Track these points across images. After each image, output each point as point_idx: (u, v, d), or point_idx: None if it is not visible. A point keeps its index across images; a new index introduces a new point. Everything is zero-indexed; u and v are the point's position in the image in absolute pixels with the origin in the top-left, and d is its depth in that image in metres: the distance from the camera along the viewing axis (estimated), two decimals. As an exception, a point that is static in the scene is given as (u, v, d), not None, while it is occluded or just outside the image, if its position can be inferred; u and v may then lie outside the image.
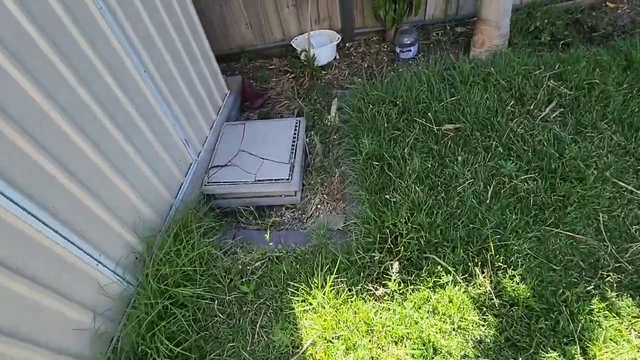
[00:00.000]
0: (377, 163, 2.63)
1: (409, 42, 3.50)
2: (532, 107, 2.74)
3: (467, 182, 2.40)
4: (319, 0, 3.74)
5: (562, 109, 2.71)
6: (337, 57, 3.94)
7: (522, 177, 2.36)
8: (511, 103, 2.81)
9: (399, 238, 2.19)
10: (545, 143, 2.50)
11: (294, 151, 2.89)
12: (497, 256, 2.01)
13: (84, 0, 1.87)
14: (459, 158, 2.57)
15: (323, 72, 3.82)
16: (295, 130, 3.05)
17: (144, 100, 2.31)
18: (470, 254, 2.07)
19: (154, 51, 2.42)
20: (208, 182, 2.79)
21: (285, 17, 3.88)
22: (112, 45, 2.05)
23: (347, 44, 4.05)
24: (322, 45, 3.85)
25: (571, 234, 2.08)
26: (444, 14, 3.87)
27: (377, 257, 2.10)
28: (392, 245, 2.18)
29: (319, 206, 2.77)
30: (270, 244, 2.41)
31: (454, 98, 2.92)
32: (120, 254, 2.07)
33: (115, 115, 2.05)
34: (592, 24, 3.52)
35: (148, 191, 2.30)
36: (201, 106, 3.00)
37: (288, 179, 2.70)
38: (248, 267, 2.33)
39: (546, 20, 3.46)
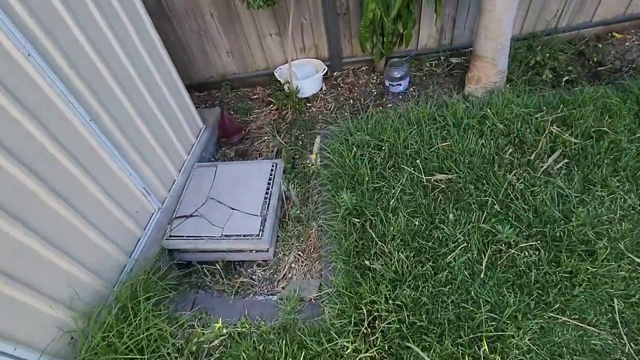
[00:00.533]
0: (357, 220, 2.28)
1: (398, 75, 3.16)
2: (533, 157, 2.39)
3: (458, 248, 2.05)
4: (303, 28, 3.43)
5: (566, 160, 2.35)
6: (324, 87, 3.61)
7: (522, 245, 2.00)
8: (509, 151, 2.46)
9: (377, 320, 1.84)
10: (548, 202, 2.15)
11: (267, 200, 2.55)
12: (493, 354, 1.65)
13: None
14: (450, 216, 2.22)
15: (308, 104, 3.49)
16: (271, 174, 2.71)
17: (87, 152, 1.97)
18: (461, 347, 1.70)
19: (104, 92, 2.08)
20: (170, 236, 2.44)
21: (268, 46, 3.56)
22: (35, 84, 1.69)
23: (335, 73, 3.73)
24: (307, 75, 3.52)
25: (581, 324, 1.72)
26: (437, 44, 3.54)
27: (350, 348, 1.74)
28: (368, 330, 1.82)
29: (292, 265, 2.41)
30: (231, 319, 2.05)
31: (445, 143, 2.57)
32: (49, 338, 1.72)
33: (44, 175, 1.70)
34: (597, 58, 3.18)
35: (93, 259, 1.96)
36: (169, 148, 2.67)
37: (258, 236, 2.35)
38: (204, 346, 1.97)
39: (547, 54, 3.12)
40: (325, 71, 3.48)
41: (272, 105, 3.58)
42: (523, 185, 2.27)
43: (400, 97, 3.26)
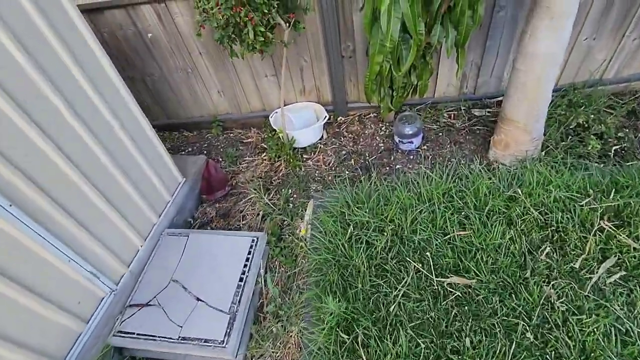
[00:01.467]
0: (346, 336, 1.75)
1: (410, 132, 2.63)
2: (578, 264, 1.82)
3: (476, 400, 1.49)
4: (303, 70, 2.94)
5: (624, 272, 1.77)
6: (324, 136, 3.10)
7: (566, 407, 1.43)
8: (546, 251, 1.89)
9: None
10: (602, 340, 1.57)
11: (241, 289, 2.05)
12: None
13: None
14: (467, 342, 1.66)
15: (305, 156, 2.98)
16: (250, 253, 2.21)
17: (6, 243, 1.51)
18: None
19: (32, 159, 1.62)
20: (118, 332, 1.96)
21: (264, 87, 3.09)
22: None
23: (339, 118, 3.22)
24: (307, 121, 3.03)
25: None
26: (458, 92, 3.00)
27: None
28: None
29: (264, 381, 1.90)
30: None
31: (464, 232, 2.02)
32: None
33: None
34: (654, 121, 2.57)
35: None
36: (132, 215, 2.20)
37: (222, 343, 1.85)
38: None
39: (592, 116, 2.53)
40: (326, 119, 2.97)
41: (264, 154, 3.09)
42: (565, 306, 1.69)
43: (412, 156, 2.72)
